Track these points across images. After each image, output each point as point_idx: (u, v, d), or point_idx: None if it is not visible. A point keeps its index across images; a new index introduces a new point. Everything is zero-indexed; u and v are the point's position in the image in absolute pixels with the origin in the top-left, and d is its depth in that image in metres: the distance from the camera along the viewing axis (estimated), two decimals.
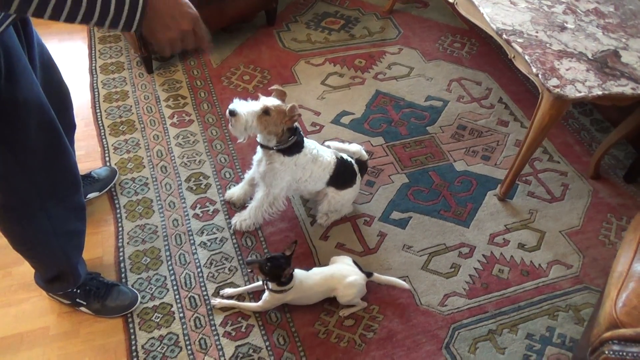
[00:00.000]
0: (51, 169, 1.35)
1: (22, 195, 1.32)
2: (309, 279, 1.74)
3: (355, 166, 1.97)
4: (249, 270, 1.75)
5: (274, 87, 1.76)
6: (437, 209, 2.14)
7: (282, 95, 1.74)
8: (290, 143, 1.76)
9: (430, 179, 2.25)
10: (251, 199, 1.98)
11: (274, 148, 1.76)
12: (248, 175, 2.01)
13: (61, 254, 1.54)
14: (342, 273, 1.75)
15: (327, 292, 1.77)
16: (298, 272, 1.74)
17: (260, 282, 1.78)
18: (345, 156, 1.94)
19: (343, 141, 2.09)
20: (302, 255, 1.94)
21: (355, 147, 1.97)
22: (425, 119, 2.50)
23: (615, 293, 1.33)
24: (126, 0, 0.90)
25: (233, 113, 1.64)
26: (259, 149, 1.83)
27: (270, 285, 1.69)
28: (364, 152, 1.99)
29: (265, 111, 1.66)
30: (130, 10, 0.91)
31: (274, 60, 2.73)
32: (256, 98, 1.71)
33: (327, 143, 1.98)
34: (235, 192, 2.06)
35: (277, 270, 1.64)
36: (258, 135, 1.76)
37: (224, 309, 1.78)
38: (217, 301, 1.77)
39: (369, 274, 1.80)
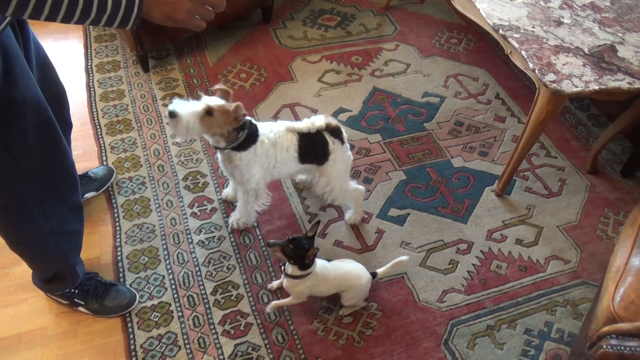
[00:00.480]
0: (49, 168, 1.35)
1: (20, 194, 1.32)
2: (329, 271, 1.69)
3: (327, 135, 1.78)
4: (274, 251, 1.61)
5: (217, 86, 1.66)
6: (434, 205, 2.14)
7: (226, 95, 1.63)
8: (241, 139, 1.67)
9: (428, 175, 2.25)
10: None
11: (227, 148, 1.68)
12: None
13: (59, 254, 1.54)
14: (356, 273, 1.73)
15: (339, 289, 1.74)
16: (319, 260, 1.69)
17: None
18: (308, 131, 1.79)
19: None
20: None
21: (315, 120, 1.77)
22: (423, 116, 2.50)
23: (613, 287, 1.33)
24: None
25: (173, 114, 1.53)
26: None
27: (291, 269, 1.63)
28: (328, 119, 1.78)
29: (208, 111, 1.56)
30: (127, 6, 0.89)
31: (270, 58, 2.72)
32: (199, 98, 1.61)
33: (280, 122, 1.82)
34: (229, 191, 2.06)
35: (301, 252, 1.57)
36: (207, 137, 1.70)
37: (224, 306, 1.78)
38: (269, 308, 1.75)
39: (373, 275, 1.78)
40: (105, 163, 2.18)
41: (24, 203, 1.33)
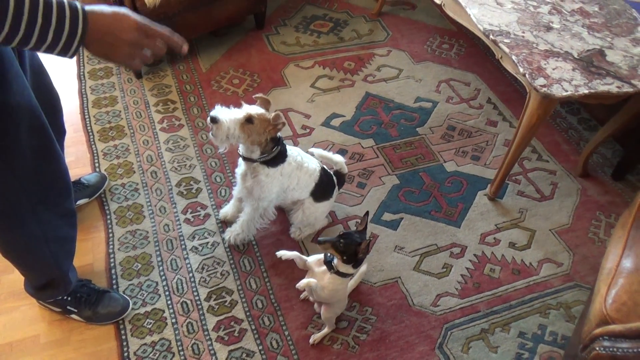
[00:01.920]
0: (42, 174, 1.34)
1: (12, 200, 1.31)
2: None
3: (334, 178, 1.94)
4: (325, 249, 1.54)
5: (258, 95, 1.71)
6: (428, 209, 2.15)
7: (266, 104, 1.68)
8: (274, 154, 1.70)
9: (421, 179, 2.26)
10: None
11: (258, 160, 1.70)
12: (235, 192, 1.95)
13: (51, 261, 1.53)
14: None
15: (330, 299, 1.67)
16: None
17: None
18: (325, 167, 1.92)
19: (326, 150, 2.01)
20: None
21: (338, 158, 1.91)
22: (415, 120, 2.51)
23: (605, 290, 1.34)
24: (65, 27, 0.89)
25: (215, 120, 1.57)
26: (241, 162, 1.78)
27: (343, 267, 1.53)
28: (345, 166, 1.94)
29: (249, 119, 1.60)
30: (68, 38, 0.90)
31: (263, 64, 2.73)
32: (239, 106, 1.66)
33: (311, 150, 1.90)
34: (228, 211, 2.01)
35: (353, 246, 1.49)
36: (240, 147, 1.72)
37: (218, 312, 1.77)
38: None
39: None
40: (98, 170, 2.17)
41: (17, 209, 1.32)
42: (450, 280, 1.93)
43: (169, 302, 1.80)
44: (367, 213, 1.64)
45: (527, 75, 1.76)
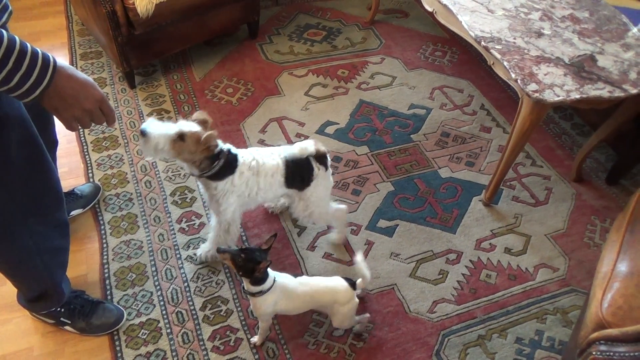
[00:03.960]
0: (33, 185, 1.33)
1: (3, 212, 1.30)
2: (295, 287, 1.62)
3: (312, 160, 1.75)
4: (223, 265, 1.59)
5: (197, 113, 1.62)
6: (423, 216, 2.15)
7: (204, 123, 1.59)
8: (215, 169, 1.62)
9: (416, 186, 2.26)
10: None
11: (202, 175, 1.64)
12: None
13: (44, 272, 1.51)
14: (332, 287, 1.63)
15: (313, 306, 1.68)
16: (281, 275, 1.62)
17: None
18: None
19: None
20: (290, 266, 1.93)
21: (304, 144, 1.74)
22: (409, 127, 2.52)
23: (601, 294, 1.34)
24: (33, 76, 0.93)
25: (143, 133, 1.49)
26: None
27: (245, 285, 1.56)
28: (312, 147, 1.74)
29: (180, 136, 1.52)
30: (32, 86, 0.94)
31: (257, 73, 2.73)
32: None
33: (276, 149, 1.79)
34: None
35: (251, 264, 1.48)
36: (179, 162, 1.66)
37: (214, 322, 1.76)
38: (257, 343, 1.73)
39: (353, 285, 1.65)
40: (91, 180, 2.16)
41: (8, 220, 1.31)
42: (447, 287, 1.93)
43: (163, 312, 1.78)
44: (275, 234, 1.60)
45: (519, 81, 1.77)
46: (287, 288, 1.61)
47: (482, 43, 1.92)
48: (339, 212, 1.93)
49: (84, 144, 2.31)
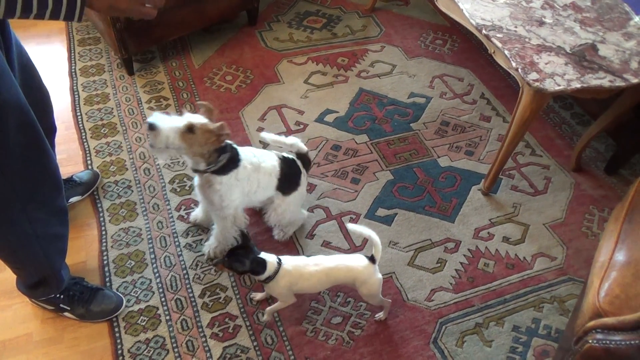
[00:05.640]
0: (31, 172, 1.33)
1: (2, 198, 1.29)
2: (308, 266, 1.63)
3: (299, 162, 1.84)
4: (221, 270, 1.69)
5: (202, 102, 1.60)
6: (422, 204, 2.15)
7: (210, 113, 1.57)
8: (221, 162, 1.61)
9: (415, 175, 2.26)
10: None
11: (206, 171, 1.62)
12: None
13: (43, 259, 1.51)
14: (348, 263, 1.64)
15: (332, 283, 1.68)
16: (289, 258, 1.65)
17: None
18: (285, 154, 1.83)
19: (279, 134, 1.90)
20: (290, 254, 1.93)
21: (292, 140, 1.81)
22: (409, 116, 2.51)
23: (598, 283, 1.35)
24: None
25: (152, 127, 1.45)
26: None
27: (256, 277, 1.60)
28: (301, 144, 1.82)
29: (190, 128, 1.49)
30: (70, 1, 0.90)
31: (256, 60, 2.72)
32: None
33: (262, 135, 1.82)
34: (198, 214, 1.97)
35: (238, 265, 1.52)
36: (186, 159, 1.64)
37: (212, 309, 1.77)
38: (266, 316, 1.74)
39: (372, 259, 1.65)
40: (90, 167, 2.16)
41: (6, 207, 1.31)
42: (445, 275, 1.93)
43: (162, 299, 1.79)
44: (242, 232, 1.59)
45: (519, 70, 1.76)
46: (299, 269, 1.63)
47: (483, 31, 1.91)
48: (300, 220, 1.98)
49: (82, 130, 2.30)
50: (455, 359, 1.72)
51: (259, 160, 1.73)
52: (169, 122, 1.49)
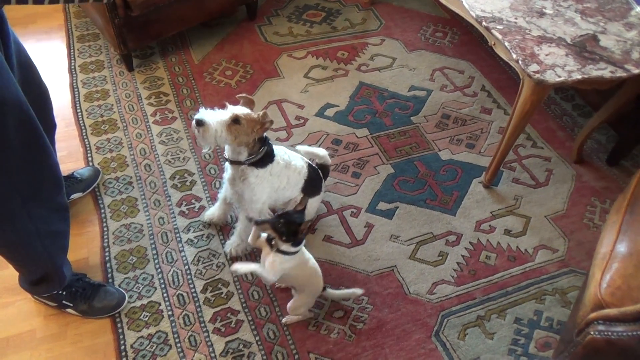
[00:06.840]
0: (31, 169, 1.33)
1: (3, 196, 1.30)
2: (308, 258, 1.64)
3: (320, 172, 1.91)
4: (264, 230, 1.53)
5: (241, 95, 1.66)
6: (423, 198, 2.15)
7: (250, 104, 1.64)
8: (261, 154, 1.66)
9: (416, 168, 2.25)
10: (232, 216, 1.94)
11: (246, 162, 1.66)
12: (221, 194, 1.92)
13: (45, 256, 1.52)
14: (319, 274, 1.69)
15: (304, 282, 1.68)
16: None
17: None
18: (310, 162, 1.89)
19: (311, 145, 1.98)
20: None
21: (323, 152, 1.90)
22: (409, 109, 2.51)
23: (600, 274, 1.35)
24: None
25: (201, 123, 1.52)
26: (227, 166, 1.73)
27: (284, 246, 1.52)
28: (328, 157, 1.92)
29: (235, 120, 1.55)
30: None
31: (256, 55, 2.71)
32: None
33: (298, 147, 1.87)
34: (214, 212, 1.97)
35: (293, 226, 1.48)
36: (226, 151, 1.67)
37: (215, 304, 1.77)
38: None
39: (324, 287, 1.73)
40: (91, 164, 2.16)
41: (7, 204, 1.31)
42: (446, 268, 1.93)
43: (165, 294, 1.79)
44: (305, 195, 1.63)
45: (520, 62, 1.75)
46: (304, 257, 1.63)
47: (483, 23, 1.90)
48: None
49: (83, 127, 2.30)
50: (457, 351, 1.72)
51: (289, 158, 1.78)
52: (215, 117, 1.55)
